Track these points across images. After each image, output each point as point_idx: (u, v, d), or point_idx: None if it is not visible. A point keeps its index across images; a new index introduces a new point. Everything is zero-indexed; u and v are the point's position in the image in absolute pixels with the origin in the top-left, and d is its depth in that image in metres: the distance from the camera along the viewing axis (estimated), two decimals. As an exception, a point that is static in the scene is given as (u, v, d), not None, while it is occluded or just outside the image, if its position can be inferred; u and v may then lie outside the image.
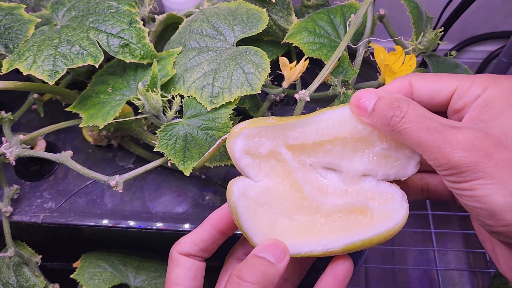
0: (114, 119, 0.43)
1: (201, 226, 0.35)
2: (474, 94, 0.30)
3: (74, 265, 0.53)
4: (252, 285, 0.29)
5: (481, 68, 0.94)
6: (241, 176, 0.33)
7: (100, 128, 0.44)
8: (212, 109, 0.43)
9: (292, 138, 0.34)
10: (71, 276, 0.51)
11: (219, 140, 0.37)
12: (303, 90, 0.43)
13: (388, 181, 0.34)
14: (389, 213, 0.32)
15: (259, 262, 0.30)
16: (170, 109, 0.43)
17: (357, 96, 0.31)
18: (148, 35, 0.46)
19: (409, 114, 0.29)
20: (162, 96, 0.43)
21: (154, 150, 0.43)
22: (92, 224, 0.49)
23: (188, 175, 0.43)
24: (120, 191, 0.42)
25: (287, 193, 0.34)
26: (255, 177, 0.33)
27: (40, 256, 0.51)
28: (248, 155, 0.33)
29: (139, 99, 0.42)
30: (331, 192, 0.34)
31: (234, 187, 0.32)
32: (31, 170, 0.54)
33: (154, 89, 0.42)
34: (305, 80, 0.58)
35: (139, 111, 0.43)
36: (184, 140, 0.43)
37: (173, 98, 0.43)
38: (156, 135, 0.43)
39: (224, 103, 0.42)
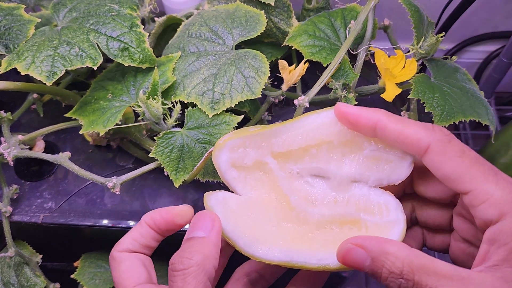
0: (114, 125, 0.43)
1: (138, 224, 0.34)
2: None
3: (75, 264, 0.53)
4: (186, 271, 0.27)
5: (481, 68, 0.94)
6: (220, 190, 0.33)
7: (101, 134, 0.44)
8: (213, 122, 0.43)
9: (277, 145, 0.33)
10: (72, 276, 0.51)
11: (206, 154, 0.37)
12: (302, 96, 0.43)
13: (381, 187, 0.32)
14: (385, 227, 0.30)
15: (188, 244, 0.29)
16: (171, 117, 0.43)
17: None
18: (148, 38, 0.46)
19: None
20: (162, 103, 0.43)
21: (149, 155, 0.43)
22: (92, 224, 0.49)
23: (177, 186, 0.43)
24: (117, 192, 0.42)
25: (272, 204, 0.33)
26: (241, 191, 0.33)
27: (41, 256, 0.51)
28: (234, 168, 0.33)
29: (139, 106, 0.42)
30: (319, 202, 0.33)
31: (212, 197, 0.31)
32: (31, 170, 0.54)
33: (155, 96, 0.42)
34: (305, 81, 0.58)
35: (140, 118, 0.43)
36: (180, 151, 0.43)
37: (173, 106, 0.43)
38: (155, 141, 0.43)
39: (225, 109, 0.42)
